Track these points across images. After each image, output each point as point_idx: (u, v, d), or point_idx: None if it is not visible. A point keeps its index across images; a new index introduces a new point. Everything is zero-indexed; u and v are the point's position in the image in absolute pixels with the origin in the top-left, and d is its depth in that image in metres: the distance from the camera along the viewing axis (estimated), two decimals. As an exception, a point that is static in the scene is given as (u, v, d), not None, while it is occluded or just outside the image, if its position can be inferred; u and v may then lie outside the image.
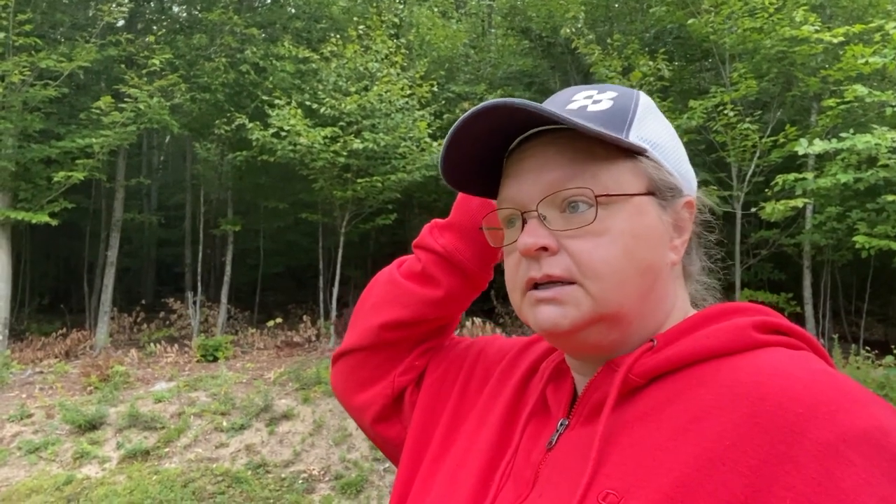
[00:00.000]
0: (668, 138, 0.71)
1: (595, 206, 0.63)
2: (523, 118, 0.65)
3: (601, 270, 0.63)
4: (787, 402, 0.53)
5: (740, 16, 9.06)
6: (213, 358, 9.91)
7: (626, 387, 0.63)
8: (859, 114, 9.09)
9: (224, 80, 10.49)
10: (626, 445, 0.60)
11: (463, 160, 0.71)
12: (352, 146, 9.29)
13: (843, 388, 0.55)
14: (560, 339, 0.67)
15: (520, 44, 12.58)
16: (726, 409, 0.56)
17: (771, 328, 0.64)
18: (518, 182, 0.68)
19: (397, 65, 10.15)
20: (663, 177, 0.68)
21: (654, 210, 0.67)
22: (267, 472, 6.36)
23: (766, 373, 0.57)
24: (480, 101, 7.43)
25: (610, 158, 0.65)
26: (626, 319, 0.65)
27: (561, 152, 0.66)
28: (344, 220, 10.65)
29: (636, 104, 0.70)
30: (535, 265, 0.65)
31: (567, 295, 0.63)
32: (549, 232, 0.65)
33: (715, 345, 0.62)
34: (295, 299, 15.42)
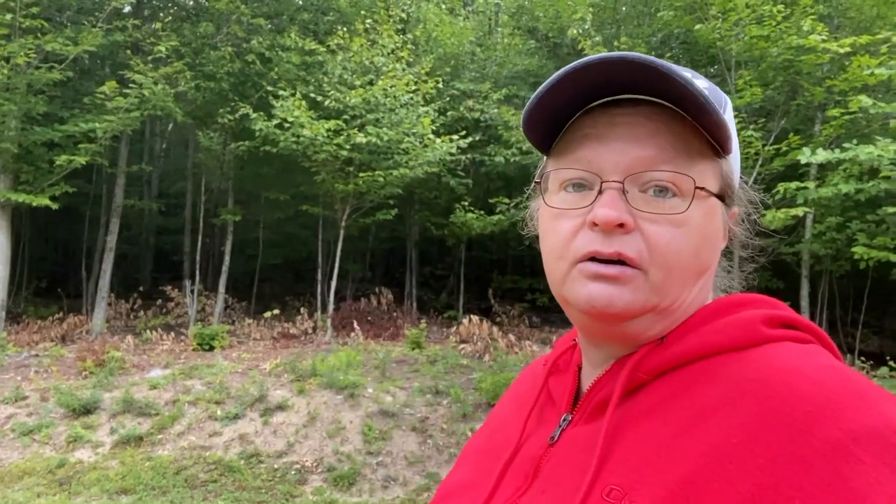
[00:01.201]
0: (737, 145, 0.69)
1: (691, 197, 0.61)
2: (634, 79, 0.60)
3: (671, 262, 0.61)
4: (795, 400, 0.52)
5: (748, 23, 9.06)
6: (209, 347, 9.92)
7: (633, 383, 0.62)
8: (863, 125, 9.10)
9: (229, 69, 10.48)
10: (631, 441, 0.58)
11: (547, 107, 0.64)
12: (355, 140, 9.29)
13: (852, 384, 0.54)
14: (606, 320, 0.62)
15: (526, 43, 12.59)
16: (734, 406, 0.55)
17: (780, 322, 0.63)
18: (603, 146, 0.62)
19: (403, 60, 10.15)
20: (732, 183, 0.67)
21: (720, 214, 0.65)
22: (260, 462, 6.36)
23: (774, 369, 0.56)
24: (484, 99, 7.40)
25: (702, 152, 0.63)
26: (674, 315, 0.64)
27: (659, 131, 0.61)
28: (344, 214, 10.65)
29: (726, 101, 0.68)
30: (604, 239, 0.60)
31: (630, 277, 0.60)
32: (629, 208, 0.61)
33: (723, 340, 0.61)
34: (292, 291, 15.43)
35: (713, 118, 0.59)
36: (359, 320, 11.51)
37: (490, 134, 11.49)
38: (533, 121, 0.66)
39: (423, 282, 15.44)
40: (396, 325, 11.81)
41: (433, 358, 8.70)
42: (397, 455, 6.50)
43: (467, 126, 11.06)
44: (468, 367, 8.36)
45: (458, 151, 10.17)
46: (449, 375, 8.05)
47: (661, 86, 0.59)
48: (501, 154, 10.88)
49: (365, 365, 8.38)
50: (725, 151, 0.64)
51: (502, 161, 11.01)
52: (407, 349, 9.32)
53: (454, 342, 9.60)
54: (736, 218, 0.69)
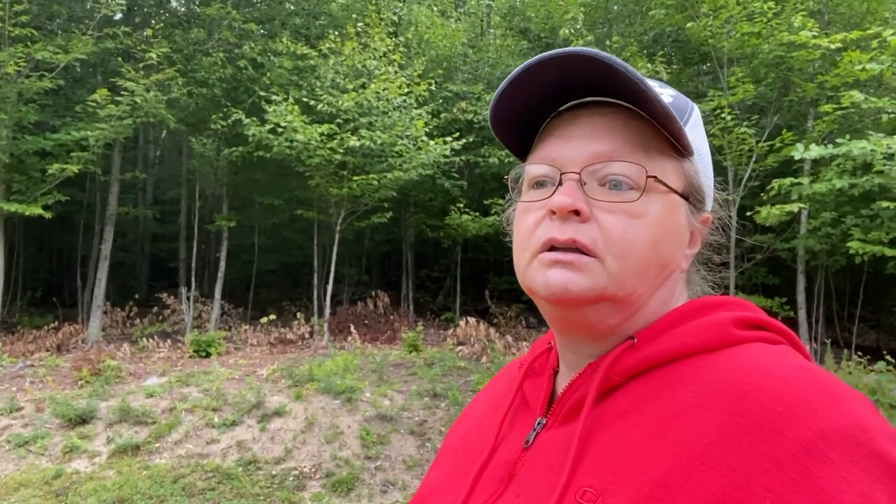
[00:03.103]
0: (706, 152, 0.72)
1: (643, 187, 0.63)
2: (597, 79, 0.62)
3: (627, 251, 0.62)
4: (766, 400, 0.53)
5: (739, 20, 9.08)
6: (205, 354, 9.88)
7: (606, 385, 0.63)
8: (855, 120, 9.12)
9: (221, 74, 10.46)
10: (605, 443, 0.59)
11: (514, 107, 0.68)
12: (348, 144, 9.27)
13: (822, 384, 0.54)
14: (563, 305, 0.64)
15: (518, 44, 12.59)
16: (706, 408, 0.55)
17: (750, 323, 0.64)
18: (564, 143, 0.66)
19: (395, 63, 10.13)
20: (700, 185, 0.69)
21: (685, 213, 0.67)
22: (258, 469, 6.33)
23: (745, 370, 0.57)
24: (478, 101, 7.45)
25: (661, 150, 0.65)
26: (633, 307, 0.65)
27: (618, 127, 0.64)
28: (339, 218, 10.62)
29: (692, 109, 0.71)
30: (560, 227, 0.63)
31: (584, 264, 0.62)
32: (586, 197, 0.63)
33: (695, 342, 0.61)
34: (289, 296, 15.40)
35: (665, 115, 0.61)
36: (356, 324, 11.48)
37: (484, 135, 11.48)
38: (502, 125, 0.71)
39: (420, 284, 15.42)
40: (393, 329, 11.79)
41: (431, 361, 8.68)
42: (396, 459, 6.47)
43: (461, 128, 11.05)
44: (466, 370, 8.34)
45: (452, 153, 10.16)
46: (447, 378, 8.03)
47: (617, 84, 0.61)
48: (495, 155, 10.87)
49: (362, 369, 8.35)
50: (686, 150, 0.66)
51: (496, 162, 11.00)
52: (404, 352, 9.30)
53: (451, 344, 9.59)
54: (710, 224, 0.71)
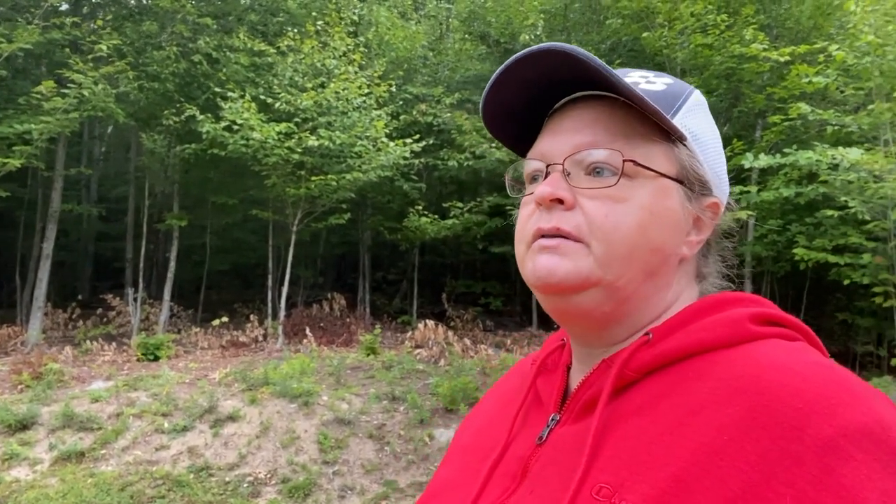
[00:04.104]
0: (711, 137, 0.71)
1: (620, 170, 0.63)
2: (576, 74, 0.64)
3: (611, 235, 0.62)
4: (785, 397, 0.53)
5: (693, 31, 9.33)
6: (153, 357, 9.56)
7: (621, 381, 0.62)
8: (801, 131, 9.48)
9: (174, 69, 10.16)
10: (621, 439, 0.58)
11: (505, 105, 0.71)
12: (307, 143, 9.13)
13: (841, 381, 0.54)
14: (552, 291, 0.64)
15: (477, 49, 12.65)
16: (724, 404, 0.55)
17: (767, 319, 0.63)
18: (552, 138, 0.68)
19: (355, 63, 10.04)
20: (696, 169, 0.68)
21: (679, 197, 0.66)
22: (210, 476, 6.15)
23: (763, 366, 0.56)
24: (437, 104, 7.51)
25: (647, 136, 0.65)
26: (623, 294, 0.64)
27: (600, 118, 0.66)
28: (296, 219, 10.45)
29: (688, 95, 0.71)
30: (546, 216, 0.64)
31: (570, 248, 0.63)
32: (570, 186, 0.64)
33: (711, 338, 0.61)
34: (241, 298, 15.05)
35: (638, 100, 0.61)
36: (311, 327, 11.30)
37: (443, 138, 11.49)
38: (495, 126, 0.73)
39: (376, 287, 15.31)
40: (350, 331, 11.65)
41: (389, 363, 8.61)
42: (354, 463, 6.38)
43: (420, 130, 11.03)
44: (424, 373, 8.30)
45: (411, 155, 10.12)
46: (405, 381, 7.97)
47: (593, 77, 0.62)
48: (455, 158, 10.89)
49: (319, 372, 8.22)
50: (672, 138, 0.66)
51: (455, 165, 11.02)
52: (361, 355, 9.20)
53: (409, 347, 9.53)
54: (720, 210, 0.70)
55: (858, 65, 8.10)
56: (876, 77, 8.03)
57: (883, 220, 8.70)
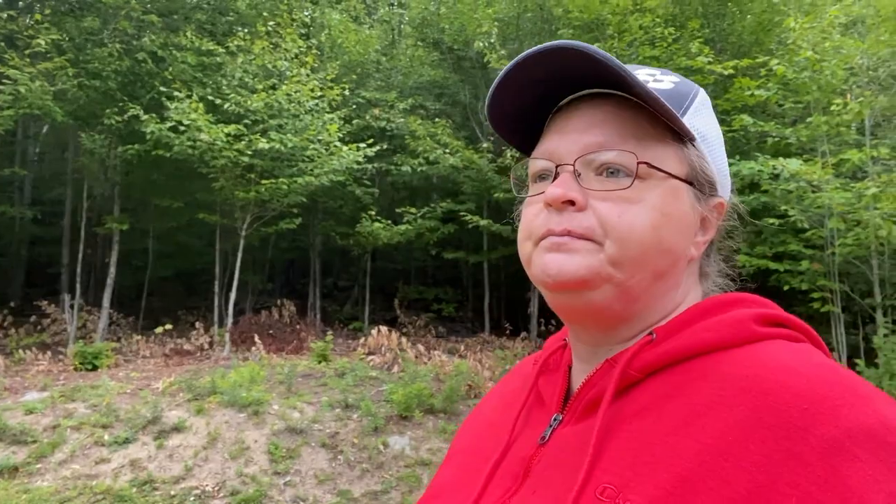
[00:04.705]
0: (716, 137, 0.71)
1: (635, 173, 0.63)
2: (586, 72, 0.63)
3: (625, 236, 0.62)
4: (790, 398, 0.52)
5: (641, 44, 9.57)
6: (92, 366, 9.14)
7: (625, 381, 0.62)
8: (744, 142, 9.82)
9: (117, 67, 9.77)
10: (624, 440, 0.58)
11: (510, 102, 0.70)
12: (257, 146, 8.93)
13: (845, 382, 0.54)
14: (562, 288, 0.64)
15: (429, 55, 12.66)
16: (728, 405, 0.54)
17: (771, 320, 0.63)
18: (560, 137, 0.67)
19: (307, 65, 9.89)
20: (705, 169, 0.68)
21: (689, 199, 0.66)
22: (154, 489, 5.89)
23: (768, 367, 0.56)
24: (390, 108, 7.51)
25: (657, 137, 0.65)
26: (634, 293, 0.64)
27: (609, 118, 0.65)
28: (245, 223, 10.19)
29: (695, 94, 0.70)
30: (556, 217, 0.63)
31: (579, 245, 0.62)
32: (581, 188, 0.64)
33: (715, 338, 0.61)
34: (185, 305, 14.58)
35: (653, 100, 0.61)
36: (260, 334, 11.03)
37: (396, 143, 11.43)
38: (501, 125, 0.72)
39: (327, 293, 15.08)
40: (300, 338, 11.42)
41: (341, 371, 8.46)
42: (306, 474, 6.23)
43: (373, 135, 10.94)
44: (378, 379, 8.19)
45: (365, 160, 10.02)
46: (358, 388, 7.85)
47: (606, 74, 0.61)
48: (408, 164, 10.84)
49: (269, 380, 8.01)
50: (684, 135, 0.65)
51: (409, 171, 10.97)
52: (313, 362, 9.02)
53: (362, 354, 9.41)
54: (725, 210, 0.71)
55: (797, 79, 8.46)
56: (814, 91, 8.41)
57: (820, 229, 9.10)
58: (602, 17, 9.70)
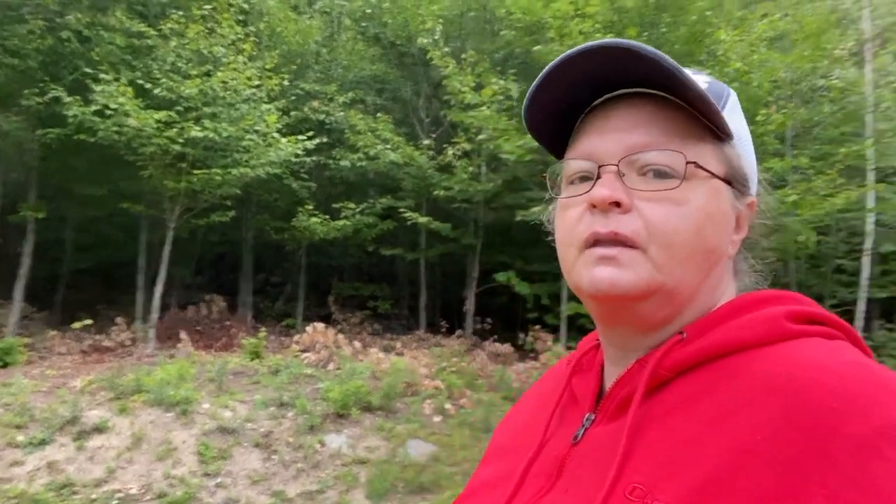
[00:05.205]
0: (747, 136, 0.72)
1: (683, 174, 0.62)
2: (621, 71, 0.62)
3: (672, 239, 0.61)
4: (821, 396, 0.52)
5: (580, 48, 9.77)
6: (2, 364, 8.55)
7: (655, 380, 0.62)
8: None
9: (38, 45, 9.15)
10: (655, 439, 0.58)
11: (552, 103, 0.68)
12: (190, 134, 8.57)
13: (879, 379, 0.53)
14: (613, 303, 0.63)
15: (369, 49, 12.51)
16: (759, 404, 0.54)
17: (805, 318, 0.63)
18: (601, 137, 0.65)
19: (245, 53, 9.57)
20: (742, 168, 0.68)
21: (729, 198, 0.66)
22: (73, 493, 5.56)
23: (800, 365, 0.55)
24: (330, 101, 7.42)
25: (698, 136, 0.64)
26: (681, 297, 0.63)
27: (652, 118, 0.64)
28: (174, 214, 9.77)
29: (729, 94, 0.70)
30: (602, 220, 0.62)
31: (629, 258, 0.61)
32: (626, 188, 0.62)
33: (747, 336, 0.60)
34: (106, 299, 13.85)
35: (701, 99, 0.61)
36: (187, 330, 10.61)
37: (335, 137, 11.23)
38: (538, 126, 0.70)
39: (258, 289, 14.68)
40: (230, 335, 11.07)
41: (275, 368, 8.25)
42: (238, 475, 6.03)
43: (311, 127, 10.71)
44: (313, 377, 8.03)
45: (304, 153, 9.80)
46: (293, 386, 7.66)
47: (650, 73, 0.61)
48: (348, 158, 10.67)
49: (198, 378, 7.71)
50: (725, 134, 0.65)
51: (348, 165, 10.81)
52: (245, 360, 8.75)
53: (296, 351, 9.20)
54: (756, 208, 0.71)
55: (727, 89, 8.85)
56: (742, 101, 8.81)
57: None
58: (543, 21, 9.84)
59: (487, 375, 8.83)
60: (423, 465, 6.33)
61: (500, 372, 8.74)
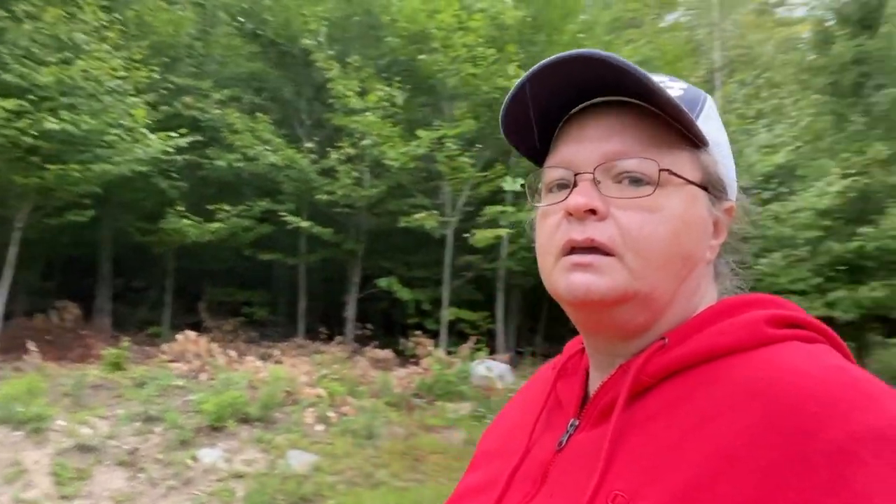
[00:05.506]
0: (724, 142, 0.72)
1: (656, 181, 0.63)
2: (597, 80, 0.63)
3: (646, 246, 0.62)
4: (799, 402, 0.52)
5: (464, 61, 10.03)
6: None
7: (637, 387, 0.62)
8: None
9: None
10: (636, 446, 0.58)
11: (524, 113, 0.68)
12: (44, 125, 7.82)
13: (857, 384, 0.54)
14: (589, 308, 0.64)
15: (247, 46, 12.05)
16: (738, 409, 0.55)
17: (785, 322, 0.63)
18: (577, 145, 0.66)
19: (110, 41, 8.88)
20: (718, 174, 0.68)
21: (705, 204, 0.67)
22: None
23: (780, 370, 0.56)
24: (205, 98, 7.17)
25: (673, 143, 0.65)
26: (658, 304, 0.64)
27: (627, 127, 0.64)
28: (23, 213, 8.85)
29: (705, 100, 0.71)
30: (578, 227, 0.63)
31: (605, 265, 0.62)
32: (602, 196, 0.63)
33: (727, 342, 0.61)
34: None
35: (672, 106, 0.62)
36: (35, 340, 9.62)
37: (210, 135, 10.70)
38: (514, 134, 0.71)
39: (118, 294, 13.60)
40: (86, 345, 10.18)
41: (140, 380, 7.69)
42: (100, 496, 5.56)
43: (184, 124, 10.13)
44: (184, 388, 7.58)
45: (174, 151, 9.25)
46: (162, 398, 7.19)
47: (624, 82, 0.62)
48: (224, 158, 10.21)
49: (52, 393, 7.03)
50: (700, 141, 0.66)
51: (224, 165, 10.34)
52: (105, 372, 8.08)
53: (164, 361, 8.64)
54: (735, 213, 0.71)
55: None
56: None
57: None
58: (428, 31, 9.99)
59: (369, 382, 8.78)
60: (305, 475, 6.18)
61: (383, 378, 8.72)
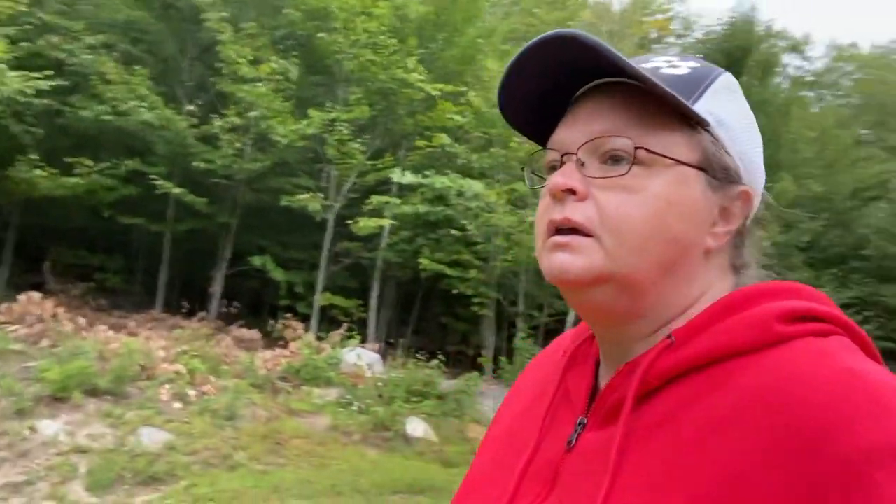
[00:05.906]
0: (741, 122, 0.68)
1: (631, 159, 0.61)
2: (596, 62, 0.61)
3: (622, 227, 0.60)
4: (806, 415, 0.51)
5: (364, 46, 9.94)
6: None
7: (644, 388, 0.61)
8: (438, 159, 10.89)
9: None
10: (643, 456, 0.57)
11: (522, 96, 0.68)
12: None
13: (868, 391, 0.51)
14: (566, 288, 0.64)
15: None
16: (745, 422, 0.53)
17: (799, 314, 0.60)
18: (568, 127, 0.65)
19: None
20: (719, 155, 0.64)
21: (701, 186, 0.63)
22: None
23: (786, 377, 0.54)
24: (75, 40, 6.75)
25: (666, 123, 0.62)
26: (639, 288, 0.62)
27: (616, 106, 0.63)
28: None
29: (715, 78, 0.67)
30: (559, 208, 0.62)
31: (581, 245, 0.61)
32: (583, 177, 0.62)
33: (734, 342, 0.58)
34: None
35: (652, 86, 0.60)
36: None
37: (76, 82, 9.78)
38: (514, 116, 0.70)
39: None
40: None
41: (-31, 342, 6.91)
42: (-86, 467, 4.96)
43: (46, 65, 9.17)
44: (24, 354, 6.92)
45: (33, 93, 8.36)
46: (-4, 363, 6.52)
47: (607, 62, 0.61)
48: (92, 109, 9.37)
49: None
50: (693, 124, 0.63)
51: (90, 116, 9.49)
52: (-75, 330, 7.18)
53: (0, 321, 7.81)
54: (752, 199, 0.67)
55: (489, 113, 9.75)
56: (499, 126, 9.80)
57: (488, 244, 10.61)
58: (330, 10, 9.80)
59: (233, 361, 8.46)
60: (157, 454, 5.87)
61: (248, 358, 8.44)
